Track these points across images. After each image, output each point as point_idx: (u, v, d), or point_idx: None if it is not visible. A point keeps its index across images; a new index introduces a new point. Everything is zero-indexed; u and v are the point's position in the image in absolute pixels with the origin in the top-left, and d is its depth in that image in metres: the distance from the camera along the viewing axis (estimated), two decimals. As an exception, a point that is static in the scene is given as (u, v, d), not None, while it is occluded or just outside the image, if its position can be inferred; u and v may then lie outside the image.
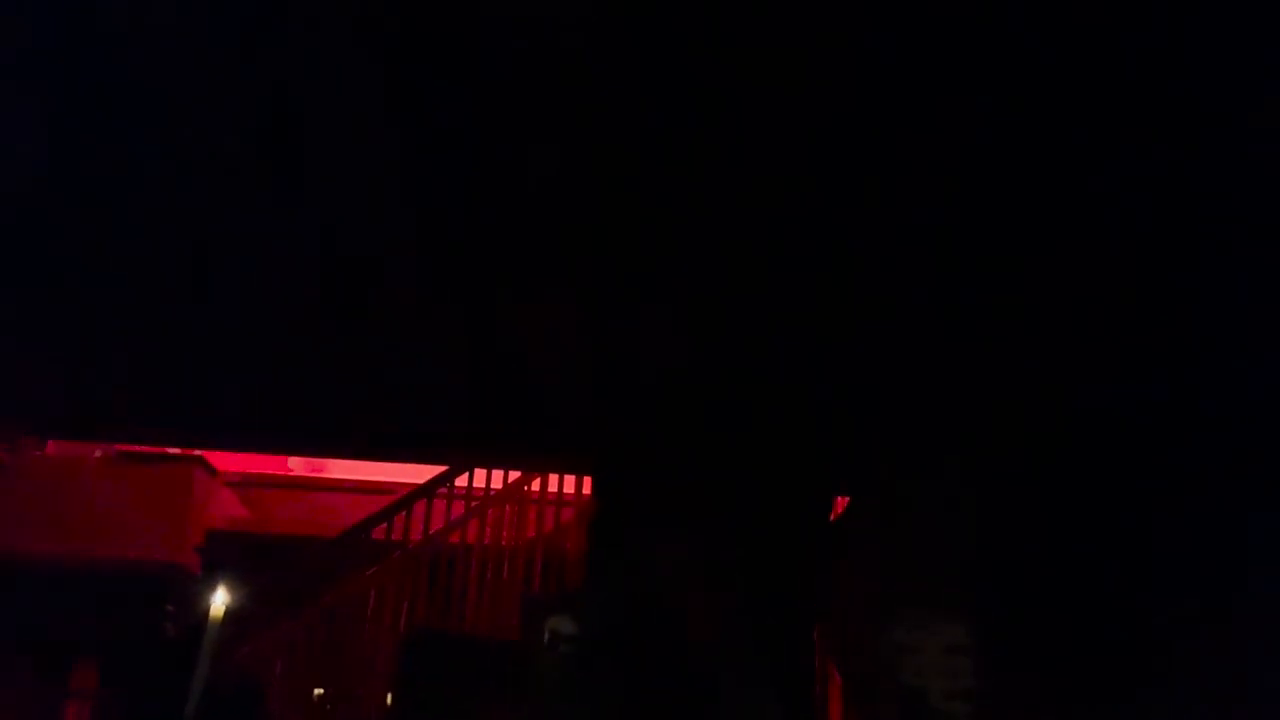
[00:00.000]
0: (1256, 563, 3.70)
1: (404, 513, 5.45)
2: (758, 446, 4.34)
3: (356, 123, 2.54)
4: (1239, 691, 3.65)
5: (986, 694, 3.75)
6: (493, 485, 5.69)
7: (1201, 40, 1.97)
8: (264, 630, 5.18)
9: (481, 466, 5.36)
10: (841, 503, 4.94)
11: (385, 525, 5.42)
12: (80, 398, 3.99)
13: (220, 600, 3.96)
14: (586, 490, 5.68)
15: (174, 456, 6.51)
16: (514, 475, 5.71)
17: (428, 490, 5.46)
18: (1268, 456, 3.59)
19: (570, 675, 3.64)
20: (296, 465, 7.14)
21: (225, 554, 6.20)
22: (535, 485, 5.66)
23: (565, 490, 5.71)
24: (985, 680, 3.77)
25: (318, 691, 4.92)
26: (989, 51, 2.05)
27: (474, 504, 5.53)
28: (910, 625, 3.92)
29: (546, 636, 3.90)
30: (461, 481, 5.54)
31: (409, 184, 2.77)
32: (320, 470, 7.04)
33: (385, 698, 4.99)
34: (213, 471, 6.64)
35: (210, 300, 3.33)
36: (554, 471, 5.42)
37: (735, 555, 4.43)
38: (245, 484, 6.91)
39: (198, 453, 6.47)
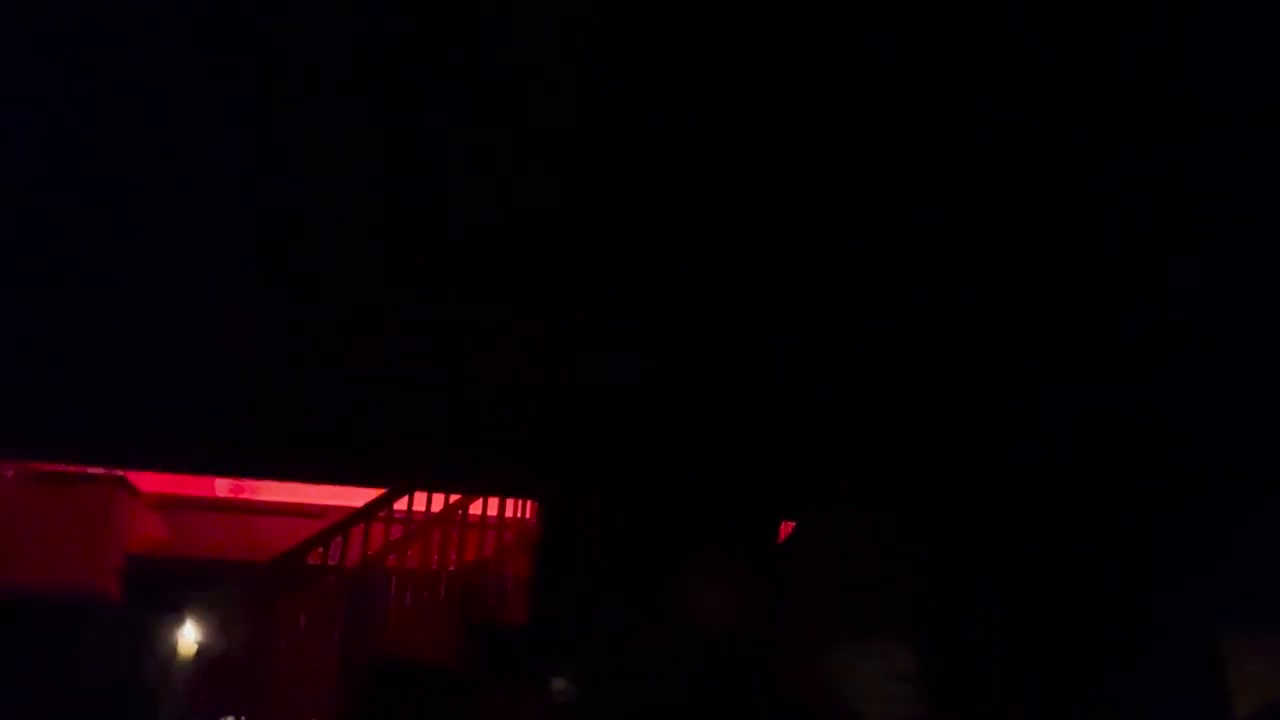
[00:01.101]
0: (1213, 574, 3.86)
1: (340, 537, 5.38)
2: (705, 473, 4.40)
3: (318, 138, 2.54)
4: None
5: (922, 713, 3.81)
6: (431, 509, 5.65)
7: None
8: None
9: (425, 489, 5.31)
10: (788, 527, 5.02)
11: (321, 549, 5.34)
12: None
13: (190, 637, 3.88)
14: (524, 514, 5.69)
15: (93, 476, 6.32)
16: (451, 499, 5.68)
17: (365, 514, 5.40)
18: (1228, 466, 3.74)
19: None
20: (222, 487, 7.00)
21: (147, 579, 6.05)
22: (474, 509, 5.64)
23: (503, 514, 5.70)
24: (931, 705, 3.83)
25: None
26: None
27: (412, 528, 5.49)
28: (855, 648, 3.99)
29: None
30: (399, 505, 5.49)
31: (364, 196, 2.77)
32: (248, 492, 6.92)
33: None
34: (134, 492, 6.47)
35: (137, 310, 3.29)
36: (499, 495, 5.41)
37: (681, 581, 4.47)
38: (169, 505, 6.74)
39: (118, 473, 6.29)
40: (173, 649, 5.12)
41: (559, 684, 4.22)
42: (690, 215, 2.75)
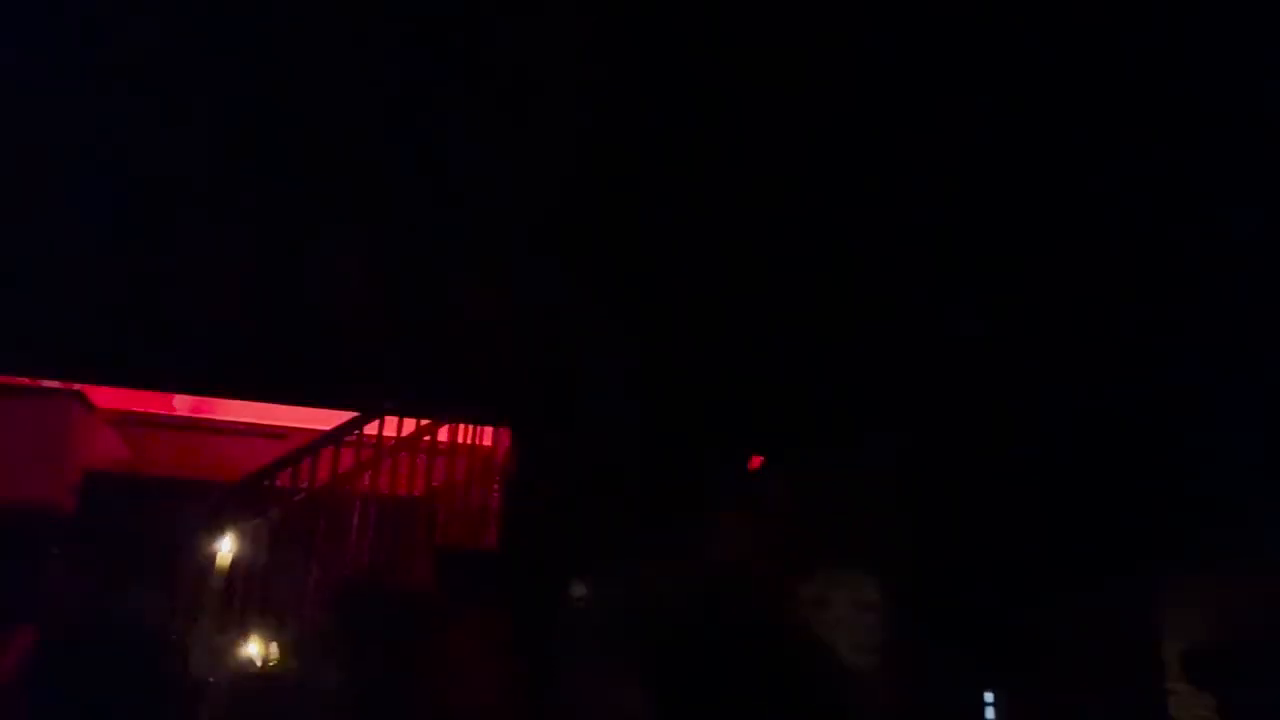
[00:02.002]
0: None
1: (309, 459, 5.40)
2: (675, 407, 4.47)
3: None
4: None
5: (892, 649, 3.95)
6: (401, 433, 5.68)
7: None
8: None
9: (399, 414, 5.34)
10: (756, 461, 5.12)
11: (290, 471, 5.37)
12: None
13: (227, 549, 3.90)
14: (495, 441, 5.74)
15: (48, 390, 6.25)
16: (420, 424, 5.71)
17: (334, 437, 5.42)
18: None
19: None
20: (182, 405, 6.96)
21: (105, 496, 6.04)
22: (443, 435, 5.68)
23: (470, 441, 5.75)
24: (891, 635, 3.96)
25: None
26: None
27: (381, 451, 5.53)
28: (820, 579, 4.12)
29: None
30: (368, 429, 5.52)
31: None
32: (207, 411, 6.89)
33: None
34: (91, 407, 6.43)
35: (100, 217, 3.27)
36: (470, 422, 5.45)
37: (650, 512, 4.56)
38: (126, 422, 6.71)
39: (75, 386, 6.23)
40: (135, 567, 5.14)
41: (526, 609, 4.31)
42: (671, 159, 2.80)
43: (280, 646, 5.10)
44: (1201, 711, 3.92)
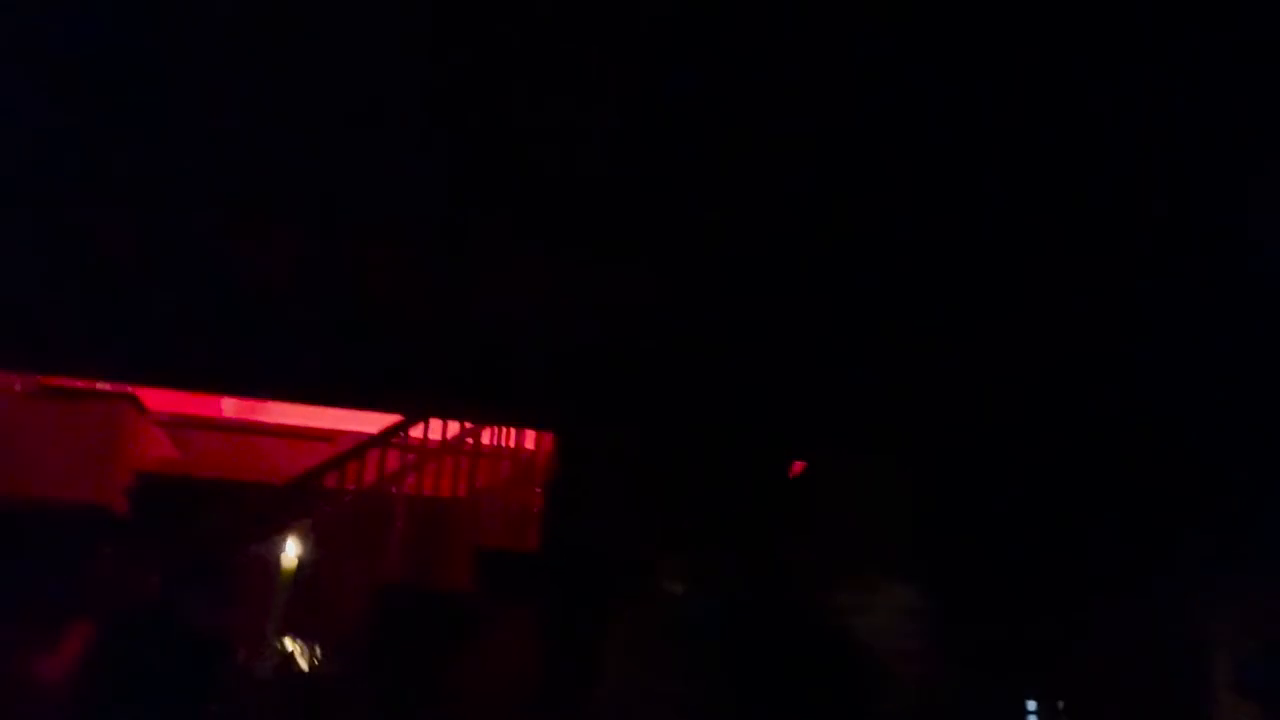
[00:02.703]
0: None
1: (356, 461, 5.51)
2: (719, 412, 4.50)
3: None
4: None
5: (931, 654, 3.95)
6: (446, 435, 5.76)
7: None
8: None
9: (444, 417, 5.42)
10: (799, 467, 5.13)
11: (337, 473, 5.47)
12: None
13: (292, 552, 3.99)
14: (537, 445, 5.81)
15: (102, 392, 6.42)
16: (464, 426, 5.79)
17: (381, 440, 5.52)
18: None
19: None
20: (230, 407, 7.11)
21: (156, 497, 6.18)
22: (486, 438, 5.76)
23: (512, 444, 5.82)
24: (931, 640, 3.95)
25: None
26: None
27: (424, 453, 5.62)
28: (862, 586, 4.12)
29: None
30: (414, 432, 5.61)
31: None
32: (255, 414, 7.03)
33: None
34: (142, 409, 6.58)
35: (152, 223, 3.35)
36: (515, 425, 5.52)
37: (693, 518, 4.59)
38: (176, 425, 6.86)
39: (127, 389, 6.39)
40: (185, 567, 5.25)
41: (567, 611, 4.35)
42: (706, 156, 2.83)
43: (325, 647, 5.20)
44: (1247, 721, 3.89)
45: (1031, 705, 4.05)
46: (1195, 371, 3.55)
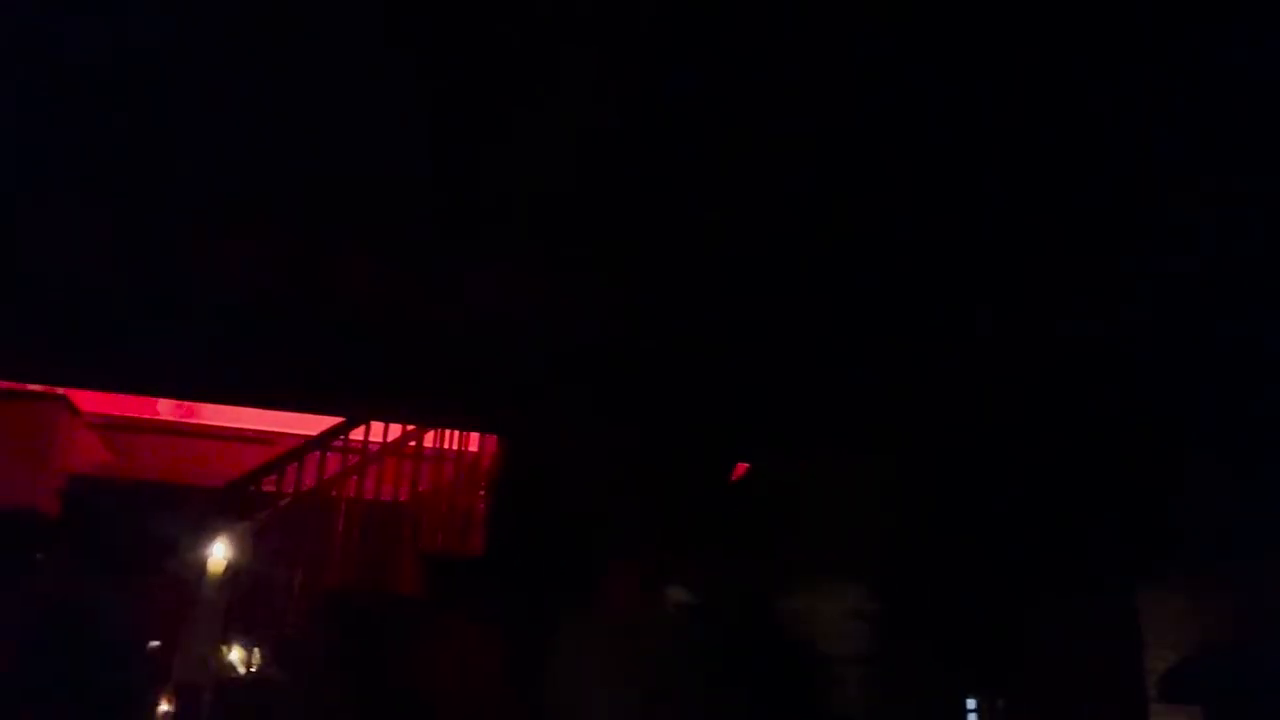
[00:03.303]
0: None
1: (295, 464, 5.44)
2: (662, 416, 4.52)
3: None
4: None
5: (876, 656, 4.00)
6: (382, 439, 5.72)
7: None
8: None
9: (388, 420, 5.38)
10: (741, 469, 5.17)
11: (276, 476, 5.41)
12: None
13: (221, 554, 3.93)
14: (481, 447, 5.79)
15: (31, 393, 6.28)
16: (406, 429, 5.75)
17: (321, 442, 5.46)
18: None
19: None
20: (166, 409, 6.99)
21: (89, 501, 6.06)
22: (429, 440, 5.72)
23: (456, 447, 5.80)
24: (875, 641, 4.00)
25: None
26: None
27: (366, 456, 5.57)
28: (805, 586, 4.16)
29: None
30: (355, 434, 5.56)
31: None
32: (192, 415, 6.92)
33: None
34: (75, 411, 6.45)
35: (85, 223, 3.30)
36: (457, 428, 5.50)
37: (638, 520, 4.61)
38: (110, 426, 6.73)
39: (59, 390, 6.25)
40: (119, 571, 5.16)
41: (512, 616, 4.34)
42: (662, 166, 2.84)
43: (265, 652, 5.13)
44: (1183, 720, 3.99)
45: (971, 704, 4.12)
46: (1160, 373, 3.63)
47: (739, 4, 2.20)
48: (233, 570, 5.17)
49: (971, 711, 4.15)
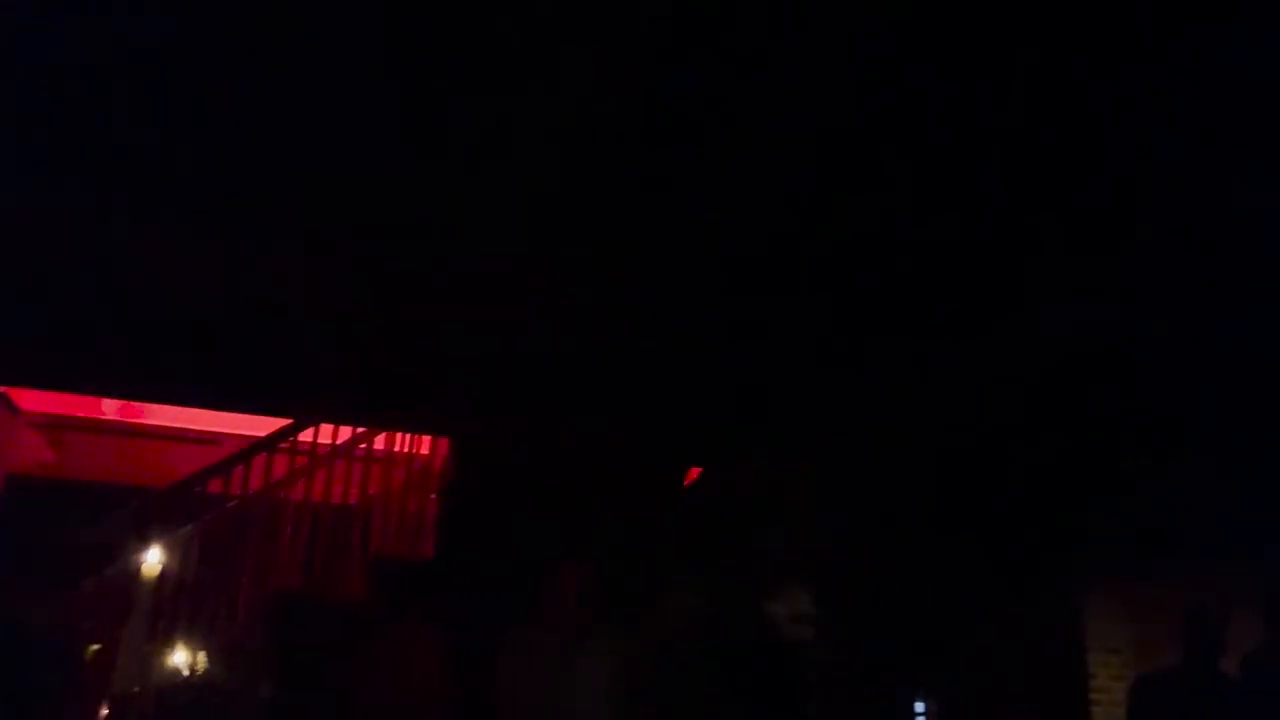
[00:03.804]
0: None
1: (242, 466, 5.38)
2: (615, 420, 4.52)
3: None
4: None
5: (824, 657, 4.02)
6: (334, 441, 5.67)
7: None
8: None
9: (339, 422, 5.33)
10: (694, 471, 5.19)
11: (222, 478, 5.34)
12: None
13: (154, 559, 3.86)
14: (432, 450, 5.75)
15: (-31, 391, 6.15)
16: (356, 432, 5.71)
17: (268, 444, 5.40)
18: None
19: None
20: (110, 409, 6.87)
21: (28, 500, 5.95)
22: (378, 443, 5.68)
23: (407, 450, 5.76)
24: (823, 643, 4.02)
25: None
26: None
27: (315, 458, 5.51)
28: (754, 588, 4.16)
29: None
30: (303, 436, 5.50)
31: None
32: (137, 415, 6.81)
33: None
34: (15, 410, 6.32)
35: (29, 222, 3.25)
36: (408, 430, 5.46)
37: (590, 523, 4.60)
38: (52, 425, 6.60)
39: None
40: (58, 573, 5.07)
41: (461, 620, 4.32)
42: (619, 170, 2.85)
43: (209, 656, 5.07)
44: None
45: (920, 706, 4.16)
46: (1113, 379, 3.68)
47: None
48: (175, 573, 5.10)
49: (919, 715, 4.19)
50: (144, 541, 5.11)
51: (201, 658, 5.17)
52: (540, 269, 3.52)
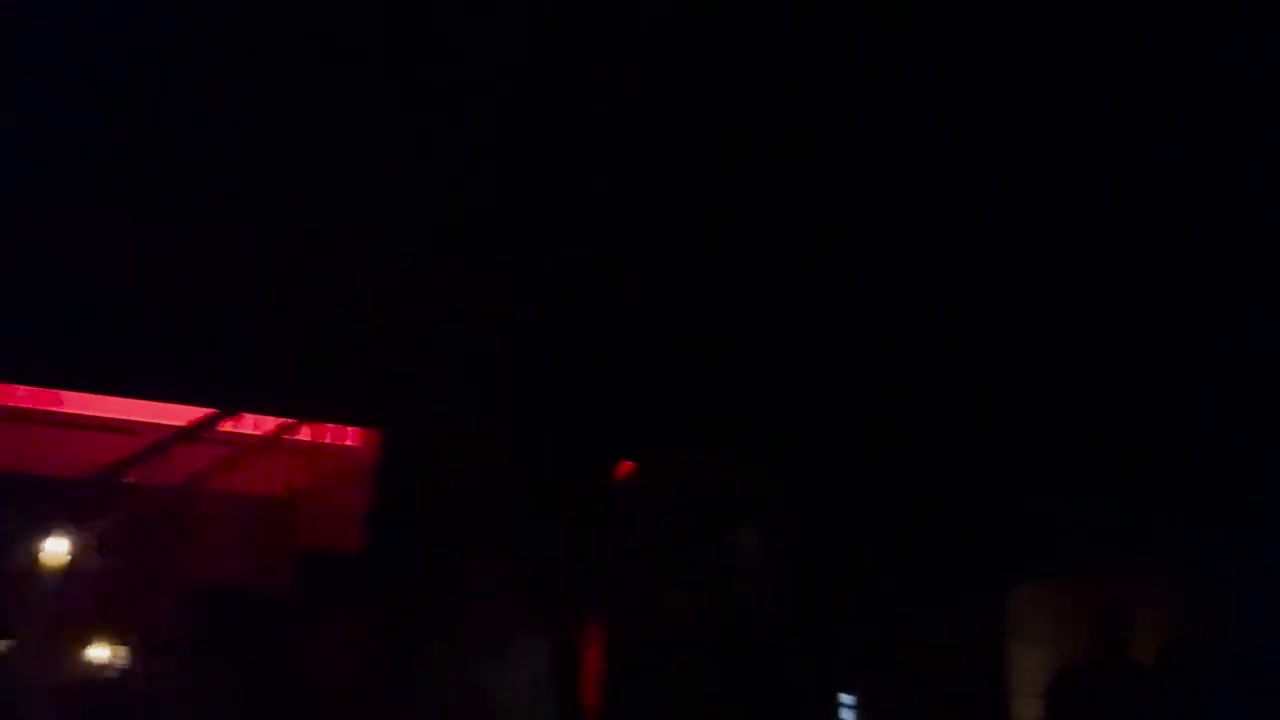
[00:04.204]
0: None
1: (163, 456, 5.26)
2: (544, 413, 4.51)
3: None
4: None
5: (751, 651, 4.05)
6: (258, 431, 5.57)
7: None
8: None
9: (265, 412, 5.24)
10: (625, 466, 5.19)
11: (142, 468, 5.21)
12: None
13: (66, 550, 3.74)
14: (353, 442, 5.69)
15: None
16: (283, 423, 5.62)
17: (190, 434, 5.29)
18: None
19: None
20: (23, 395, 6.65)
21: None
22: (305, 434, 5.60)
23: (335, 441, 5.69)
24: (751, 638, 4.05)
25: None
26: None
27: (239, 450, 5.42)
28: (683, 582, 4.20)
29: None
30: (227, 426, 5.40)
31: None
32: (52, 403, 6.61)
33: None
34: (-84, 395, 6.11)
35: None
36: (336, 422, 5.39)
37: (517, 516, 4.59)
38: (-41, 412, 6.38)
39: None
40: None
41: (388, 614, 4.28)
42: (545, 158, 2.84)
43: (126, 651, 4.95)
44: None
45: (848, 700, 4.22)
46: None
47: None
48: (92, 565, 4.97)
49: (848, 707, 4.24)
50: (57, 532, 4.97)
51: (122, 652, 5.05)
52: (468, 263, 3.50)
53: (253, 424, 5.56)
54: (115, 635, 4.87)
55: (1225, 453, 3.89)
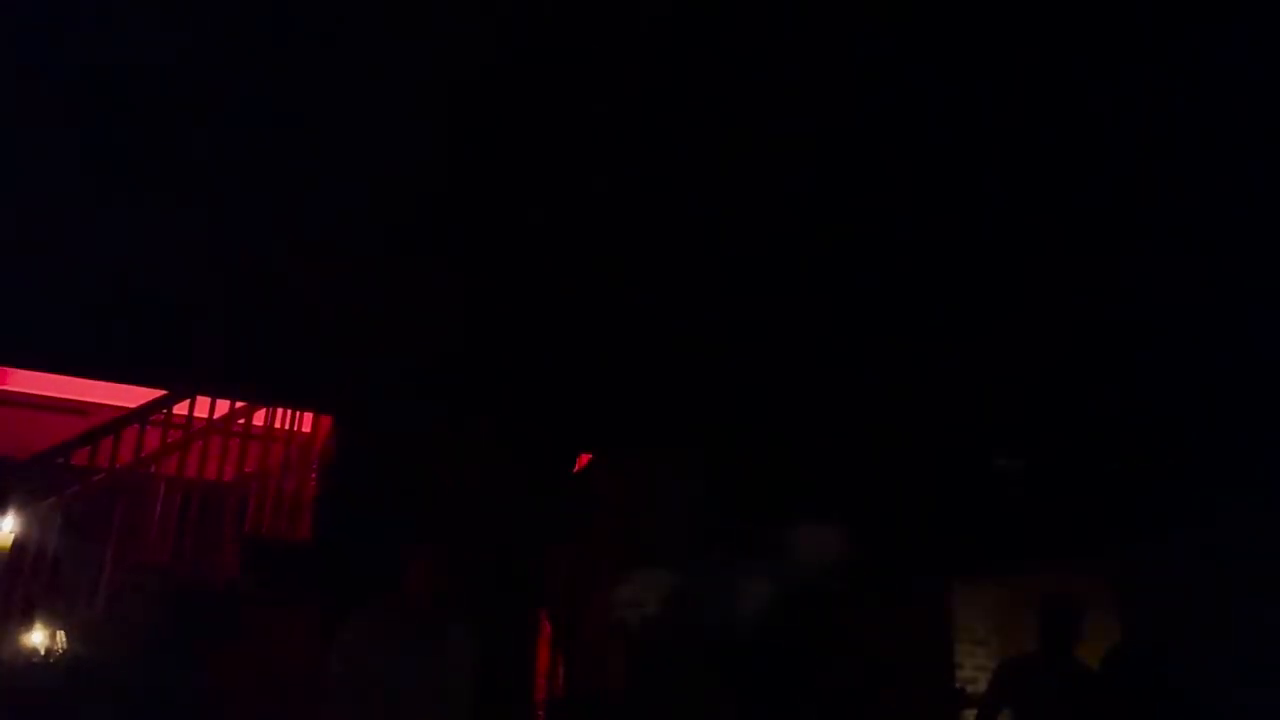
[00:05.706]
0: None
1: (111, 438, 5.21)
2: (501, 404, 4.51)
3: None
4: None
5: (700, 648, 4.09)
6: (210, 415, 5.53)
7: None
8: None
9: (218, 396, 5.21)
10: (585, 459, 5.21)
11: (89, 449, 5.16)
12: None
13: (7, 529, 3.69)
14: (306, 427, 5.66)
15: None
16: (235, 407, 5.58)
17: (140, 415, 5.24)
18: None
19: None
20: (-36, 373, 6.57)
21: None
22: (257, 419, 5.57)
23: (287, 427, 5.66)
24: (714, 635, 4.09)
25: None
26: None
27: (190, 433, 5.37)
28: (641, 576, 4.22)
29: None
30: (178, 409, 5.36)
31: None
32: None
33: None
34: None
35: None
36: (289, 407, 5.36)
37: (472, 507, 4.59)
38: (-100, 388, 6.30)
39: None
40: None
41: (337, 603, 4.27)
42: (505, 151, 2.85)
43: (67, 636, 4.90)
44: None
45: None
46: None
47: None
48: (33, 546, 4.92)
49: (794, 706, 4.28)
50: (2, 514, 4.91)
51: (61, 636, 5.00)
52: (428, 253, 3.49)
53: (204, 408, 5.53)
54: (50, 620, 4.82)
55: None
